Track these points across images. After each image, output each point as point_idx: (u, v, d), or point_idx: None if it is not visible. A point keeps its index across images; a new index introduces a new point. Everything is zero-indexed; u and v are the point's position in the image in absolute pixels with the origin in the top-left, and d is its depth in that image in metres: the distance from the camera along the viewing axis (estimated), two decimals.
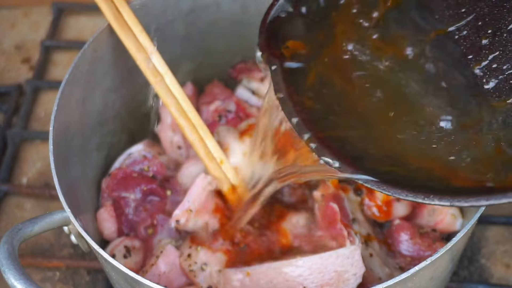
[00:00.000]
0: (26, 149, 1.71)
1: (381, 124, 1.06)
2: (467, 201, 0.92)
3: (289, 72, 1.09)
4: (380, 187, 0.97)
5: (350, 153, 1.01)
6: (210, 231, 1.29)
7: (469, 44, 1.09)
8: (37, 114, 1.77)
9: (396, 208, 1.33)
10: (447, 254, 1.08)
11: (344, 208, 1.27)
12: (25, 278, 1.05)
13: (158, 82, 1.30)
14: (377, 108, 1.07)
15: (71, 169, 1.27)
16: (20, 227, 1.12)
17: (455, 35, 1.10)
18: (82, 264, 1.49)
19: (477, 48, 1.08)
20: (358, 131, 1.05)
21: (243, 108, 1.42)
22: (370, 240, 1.27)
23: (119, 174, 1.37)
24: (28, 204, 1.61)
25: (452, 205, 0.93)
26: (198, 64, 1.53)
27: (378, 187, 0.97)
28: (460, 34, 1.10)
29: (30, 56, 1.89)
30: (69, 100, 1.27)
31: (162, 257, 1.26)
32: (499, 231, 1.52)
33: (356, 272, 1.16)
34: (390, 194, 0.96)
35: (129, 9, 1.29)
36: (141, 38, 1.30)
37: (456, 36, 1.10)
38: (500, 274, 1.46)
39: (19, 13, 1.98)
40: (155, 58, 1.30)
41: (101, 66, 1.35)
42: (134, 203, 1.36)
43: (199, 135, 1.31)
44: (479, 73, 1.07)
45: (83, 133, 1.34)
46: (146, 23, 1.32)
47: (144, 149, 1.42)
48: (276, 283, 1.18)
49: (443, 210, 1.34)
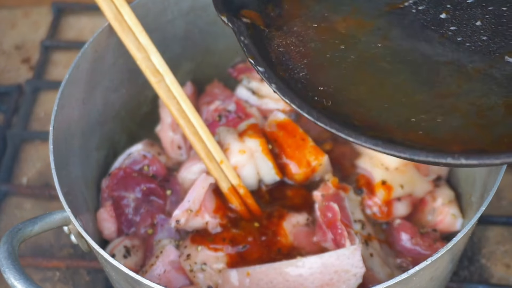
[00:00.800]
0: (26, 149, 1.71)
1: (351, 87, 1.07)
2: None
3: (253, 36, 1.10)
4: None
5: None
6: (210, 231, 1.29)
7: (430, 17, 1.11)
8: (37, 114, 1.77)
9: (397, 208, 1.33)
10: (447, 254, 1.08)
11: (344, 208, 1.26)
12: (25, 278, 1.05)
13: (158, 82, 1.30)
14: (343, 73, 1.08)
15: (71, 169, 1.27)
16: (20, 227, 1.12)
17: (412, 9, 1.12)
18: (82, 264, 1.49)
19: (438, 21, 1.10)
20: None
21: (243, 108, 1.42)
22: (371, 240, 1.27)
23: (119, 174, 1.37)
24: (28, 204, 1.61)
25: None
26: (198, 64, 1.53)
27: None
28: (419, 8, 1.12)
29: (30, 56, 1.89)
30: (69, 100, 1.27)
31: (162, 257, 1.26)
32: (499, 231, 1.52)
33: (356, 272, 1.16)
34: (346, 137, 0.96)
35: (129, 9, 1.29)
36: (141, 38, 1.30)
37: (414, 10, 1.12)
38: (501, 274, 1.46)
39: (19, 13, 1.98)
40: (155, 58, 1.30)
41: (101, 66, 1.35)
42: (134, 203, 1.36)
43: (199, 135, 1.31)
44: (444, 43, 1.08)
45: (83, 133, 1.34)
46: (146, 23, 1.32)
47: (144, 149, 1.42)
48: (276, 284, 1.18)
49: (444, 210, 1.34)
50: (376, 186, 1.32)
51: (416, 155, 0.93)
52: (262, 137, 1.34)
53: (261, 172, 1.34)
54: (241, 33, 1.09)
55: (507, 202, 1.55)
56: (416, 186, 1.34)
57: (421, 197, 1.36)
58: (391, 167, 1.34)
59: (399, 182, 1.33)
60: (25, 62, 1.88)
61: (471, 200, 1.32)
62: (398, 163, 1.34)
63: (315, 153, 1.33)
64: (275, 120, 1.38)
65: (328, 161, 1.34)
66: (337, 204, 1.24)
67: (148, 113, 1.51)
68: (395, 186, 1.32)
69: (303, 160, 1.33)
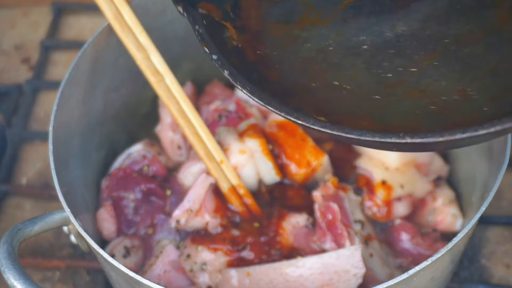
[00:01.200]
0: (26, 149, 1.70)
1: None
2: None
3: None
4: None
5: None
6: (210, 231, 1.29)
7: (381, 10, 1.14)
8: (36, 114, 1.76)
9: (397, 208, 1.33)
10: (447, 254, 1.08)
11: (344, 208, 1.26)
12: (24, 278, 1.05)
13: (158, 82, 1.30)
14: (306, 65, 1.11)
15: (71, 169, 1.27)
16: (20, 227, 1.12)
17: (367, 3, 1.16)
18: (82, 264, 1.49)
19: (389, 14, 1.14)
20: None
21: (243, 108, 1.42)
22: (371, 240, 1.27)
23: (118, 174, 1.36)
24: (28, 204, 1.61)
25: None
26: (198, 64, 1.53)
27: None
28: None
29: (30, 56, 1.89)
30: (69, 100, 1.27)
31: (162, 257, 1.26)
32: (499, 231, 1.51)
33: (356, 272, 1.16)
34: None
35: (129, 9, 1.29)
36: (141, 38, 1.29)
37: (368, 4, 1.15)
38: (501, 275, 1.46)
39: (19, 13, 1.98)
40: (155, 58, 1.30)
41: (101, 66, 1.35)
42: (133, 203, 1.36)
43: (199, 135, 1.31)
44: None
45: (83, 133, 1.34)
46: (146, 23, 1.32)
47: (144, 149, 1.42)
48: (276, 284, 1.18)
49: (444, 210, 1.34)
50: (376, 186, 1.32)
51: (363, 135, 0.94)
52: (262, 137, 1.34)
53: (261, 172, 1.34)
54: (195, 22, 1.11)
55: (507, 202, 1.55)
56: (416, 186, 1.34)
57: (421, 197, 1.36)
58: (391, 167, 1.34)
59: (399, 182, 1.33)
60: (25, 62, 1.88)
61: (471, 200, 1.32)
62: (398, 163, 1.34)
63: (315, 153, 1.33)
64: (275, 120, 1.38)
65: (328, 161, 1.34)
66: (337, 204, 1.24)
67: (148, 113, 1.51)
68: (395, 186, 1.32)
69: (303, 160, 1.33)
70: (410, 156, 1.35)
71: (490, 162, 1.23)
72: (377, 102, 1.03)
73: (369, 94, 1.04)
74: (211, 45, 1.09)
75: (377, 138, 0.93)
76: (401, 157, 1.34)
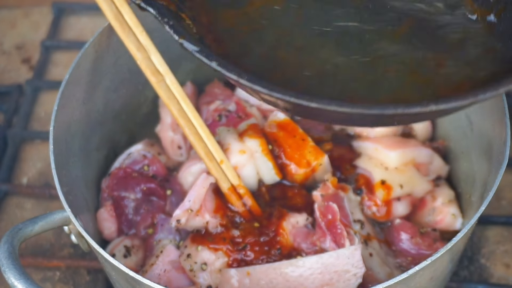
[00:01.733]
0: (26, 149, 1.71)
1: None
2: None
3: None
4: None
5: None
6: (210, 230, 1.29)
7: None
8: (37, 114, 1.77)
9: (396, 208, 1.33)
10: (447, 254, 1.08)
11: (343, 208, 1.27)
12: (25, 278, 1.05)
13: (158, 82, 1.30)
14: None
15: (71, 169, 1.28)
16: (21, 227, 1.12)
17: None
18: (82, 264, 1.49)
19: None
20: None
21: (243, 108, 1.42)
22: (370, 239, 1.27)
23: (119, 173, 1.37)
24: (28, 204, 1.61)
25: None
26: (198, 64, 1.52)
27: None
28: None
29: (30, 56, 1.89)
30: (69, 100, 1.28)
31: (162, 257, 1.26)
32: (499, 231, 1.52)
33: (356, 272, 1.16)
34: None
35: (129, 9, 1.29)
36: (142, 38, 1.30)
37: None
38: (500, 274, 1.46)
39: (19, 13, 1.98)
40: (155, 58, 1.30)
41: (101, 66, 1.35)
42: (134, 203, 1.36)
43: (199, 135, 1.31)
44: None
45: (83, 133, 1.34)
46: (146, 23, 1.32)
47: (144, 148, 1.42)
48: (276, 284, 1.18)
49: (443, 209, 1.34)
50: (376, 186, 1.32)
51: (350, 107, 0.89)
52: (262, 137, 1.34)
53: (261, 172, 1.34)
54: (163, 15, 1.03)
55: (507, 202, 1.55)
56: (415, 186, 1.34)
57: (420, 197, 1.36)
58: (391, 167, 1.34)
59: (399, 181, 1.33)
60: (25, 62, 1.88)
61: (471, 200, 1.32)
62: (398, 163, 1.34)
63: (315, 153, 1.33)
64: (275, 120, 1.38)
65: (328, 161, 1.34)
66: (336, 204, 1.24)
67: (148, 113, 1.51)
68: (395, 186, 1.32)
69: (303, 160, 1.33)
70: (409, 156, 1.35)
71: (490, 162, 1.23)
72: (360, 80, 1.00)
73: (350, 73, 1.01)
74: (188, 37, 1.00)
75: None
76: (400, 157, 1.34)
